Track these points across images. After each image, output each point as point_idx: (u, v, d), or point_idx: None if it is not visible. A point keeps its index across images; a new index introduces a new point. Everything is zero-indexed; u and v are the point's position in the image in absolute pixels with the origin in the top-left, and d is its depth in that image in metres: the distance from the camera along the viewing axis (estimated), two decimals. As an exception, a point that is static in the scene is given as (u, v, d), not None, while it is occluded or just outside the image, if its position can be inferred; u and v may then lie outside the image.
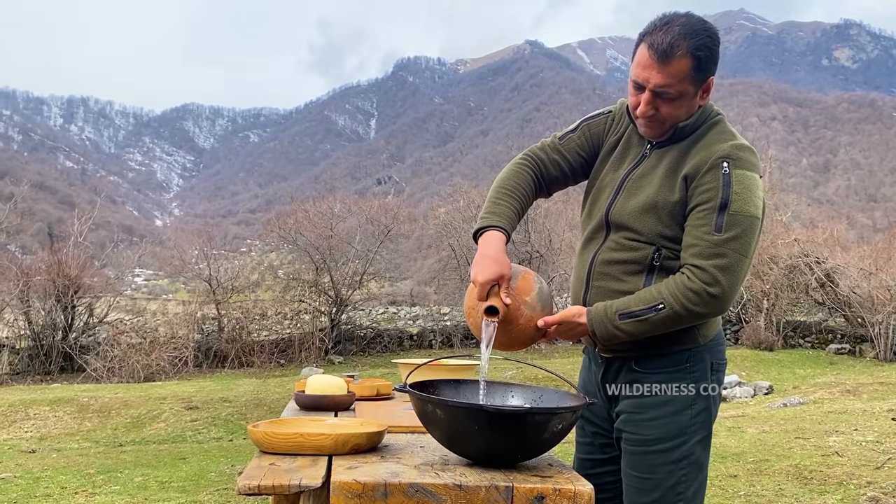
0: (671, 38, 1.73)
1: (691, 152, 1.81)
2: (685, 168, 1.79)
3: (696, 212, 1.76)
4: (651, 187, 1.84)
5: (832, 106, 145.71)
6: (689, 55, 1.73)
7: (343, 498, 1.33)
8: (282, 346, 17.20)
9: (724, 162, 1.74)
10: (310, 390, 2.34)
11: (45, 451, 7.95)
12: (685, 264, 1.75)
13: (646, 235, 1.82)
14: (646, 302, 1.75)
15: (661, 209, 1.81)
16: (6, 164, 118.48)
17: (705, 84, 1.80)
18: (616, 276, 1.87)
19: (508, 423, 1.44)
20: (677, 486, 1.81)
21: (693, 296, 1.71)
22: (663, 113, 1.80)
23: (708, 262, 1.71)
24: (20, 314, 15.94)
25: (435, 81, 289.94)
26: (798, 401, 9.51)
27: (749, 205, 1.73)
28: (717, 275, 1.70)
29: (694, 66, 1.74)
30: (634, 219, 1.84)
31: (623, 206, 1.87)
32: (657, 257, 1.82)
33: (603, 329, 1.78)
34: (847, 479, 4.79)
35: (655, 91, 1.77)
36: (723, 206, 1.72)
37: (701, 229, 1.73)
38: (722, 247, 1.71)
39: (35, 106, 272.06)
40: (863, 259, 16.53)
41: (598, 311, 1.80)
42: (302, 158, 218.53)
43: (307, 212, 20.50)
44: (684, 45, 1.72)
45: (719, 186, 1.73)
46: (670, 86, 1.75)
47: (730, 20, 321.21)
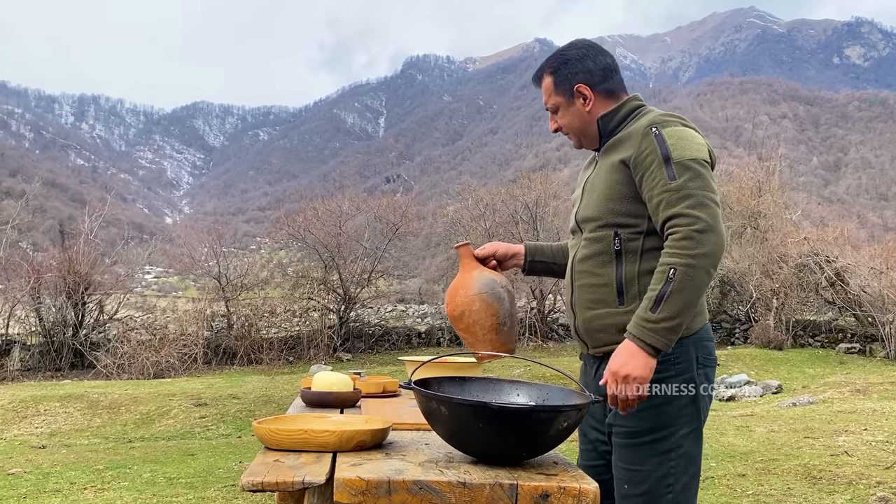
0: (539, 67, 2.07)
1: (623, 144, 1.94)
2: (623, 155, 1.91)
3: (647, 176, 1.84)
4: (601, 184, 1.96)
5: (843, 104, 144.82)
6: (548, 72, 2.03)
7: (347, 495, 1.33)
8: (290, 344, 17.24)
9: (651, 128, 1.87)
10: (316, 387, 2.35)
11: (54, 447, 7.99)
12: (662, 223, 1.81)
13: (603, 221, 1.93)
14: (659, 280, 1.77)
15: (612, 196, 1.92)
16: (18, 162, 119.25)
17: (574, 90, 2.00)
18: (590, 270, 1.96)
19: (513, 420, 1.44)
20: (666, 477, 1.84)
21: (687, 242, 1.75)
22: (561, 125, 2.06)
23: (678, 207, 1.78)
24: (31, 311, 16.03)
25: (444, 79, 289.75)
26: (807, 400, 9.46)
27: (689, 150, 1.83)
28: (692, 212, 1.76)
29: (553, 81, 2.02)
30: (592, 210, 1.97)
31: (585, 206, 2.01)
32: (617, 242, 1.90)
33: (652, 336, 1.75)
34: (856, 478, 4.76)
35: (546, 108, 2.07)
36: (666, 159, 1.81)
37: (658, 185, 1.81)
38: (683, 189, 1.78)
39: (46, 104, 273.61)
40: (873, 258, 16.42)
41: (634, 326, 1.79)
42: (311, 156, 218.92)
43: (316, 210, 20.53)
44: (544, 67, 2.05)
45: (656, 146, 1.84)
46: (547, 101, 2.05)
47: (740, 18, 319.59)
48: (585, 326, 1.99)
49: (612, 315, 1.91)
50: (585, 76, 2.00)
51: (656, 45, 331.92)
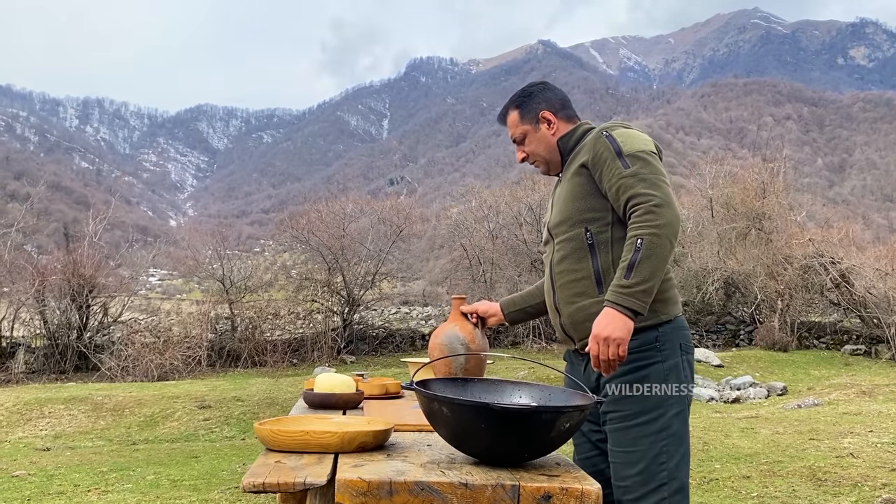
0: (504, 105, 2.33)
1: (580, 154, 2.16)
2: (581, 160, 2.14)
3: (605, 171, 2.06)
4: (565, 192, 2.18)
5: (848, 105, 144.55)
6: (513, 108, 2.29)
7: (348, 496, 1.32)
8: (294, 346, 17.24)
9: (601, 133, 2.11)
10: (318, 388, 2.34)
11: (59, 449, 8.00)
12: (623, 205, 2.01)
13: (572, 220, 2.13)
14: (629, 251, 1.94)
15: (577, 196, 2.13)
16: (23, 165, 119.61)
17: (539, 118, 2.25)
18: (568, 268, 2.14)
19: (515, 421, 1.43)
20: (660, 456, 1.98)
21: (648, 216, 1.94)
22: (528, 152, 2.29)
23: (635, 188, 1.98)
24: (36, 313, 16.06)
25: (447, 82, 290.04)
26: (812, 402, 9.43)
27: (637, 144, 2.05)
28: (647, 191, 1.96)
29: (519, 113, 2.28)
30: (561, 215, 2.17)
31: (554, 215, 2.22)
32: (589, 236, 2.10)
33: (630, 300, 1.90)
34: (862, 480, 4.74)
35: (514, 140, 2.31)
36: (618, 153, 2.04)
37: (615, 175, 2.02)
38: (636, 175, 1.99)
39: (51, 107, 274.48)
40: (879, 259, 16.37)
41: (611, 294, 1.93)
42: (315, 159, 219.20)
43: (320, 212, 20.54)
44: (509, 104, 2.31)
45: (608, 144, 2.06)
46: (514, 133, 2.29)
47: (744, 19, 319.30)
48: (571, 320, 2.14)
49: (595, 304, 2.04)
50: (548, 104, 2.27)
51: (660, 47, 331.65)
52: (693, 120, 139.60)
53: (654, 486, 1.96)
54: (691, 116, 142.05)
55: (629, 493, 1.98)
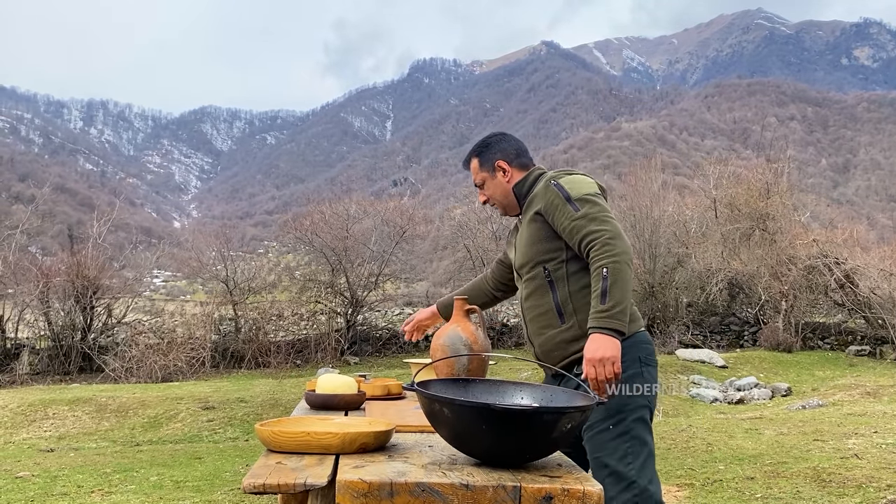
0: (468, 152, 2.60)
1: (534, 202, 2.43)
2: (536, 208, 2.39)
3: (557, 215, 2.32)
4: (524, 237, 2.45)
5: (852, 105, 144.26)
6: (474, 156, 2.57)
7: (349, 497, 1.32)
8: (298, 347, 17.25)
9: (549, 181, 2.38)
10: (320, 389, 2.34)
11: (63, 451, 8.02)
12: (581, 242, 2.27)
13: (533, 262, 2.40)
14: (597, 281, 2.18)
15: (534, 241, 2.39)
16: (27, 167, 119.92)
17: (495, 167, 2.52)
18: (533, 304, 2.42)
19: (516, 422, 1.43)
20: (625, 457, 2.20)
21: (605, 248, 2.20)
22: (488, 195, 2.56)
23: (588, 227, 2.25)
24: (40, 315, 16.10)
25: (451, 83, 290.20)
26: (817, 403, 9.41)
27: (583, 189, 2.33)
28: (599, 227, 2.24)
29: (479, 161, 2.54)
30: (523, 258, 2.44)
31: (517, 259, 2.50)
32: (547, 273, 2.37)
33: (610, 323, 2.13)
34: (866, 481, 4.72)
35: (475, 184, 2.60)
36: (568, 199, 2.31)
37: (567, 218, 2.29)
38: (586, 216, 2.27)
39: (56, 109, 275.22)
40: (883, 260, 16.34)
41: (594, 320, 2.17)
42: (318, 160, 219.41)
43: (323, 213, 20.54)
44: (471, 153, 2.58)
45: (557, 192, 2.33)
46: (475, 178, 2.57)
47: (748, 20, 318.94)
48: (542, 349, 2.42)
49: (559, 333, 2.35)
50: (503, 154, 2.53)
51: (663, 47, 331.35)
52: (696, 120, 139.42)
53: (624, 485, 2.18)
54: (695, 117, 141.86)
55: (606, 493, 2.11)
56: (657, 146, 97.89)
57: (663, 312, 18.13)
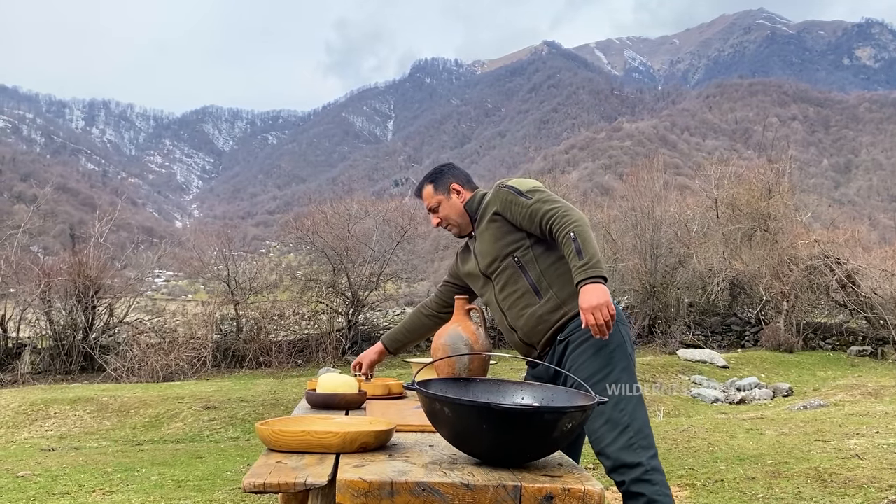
0: (419, 181, 2.83)
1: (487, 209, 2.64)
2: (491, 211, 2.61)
3: (514, 210, 2.54)
4: (486, 241, 2.63)
5: (853, 105, 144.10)
6: (427, 182, 2.79)
7: (349, 496, 1.32)
8: (299, 347, 17.25)
9: (499, 185, 2.63)
10: (321, 389, 2.34)
11: (64, 450, 8.02)
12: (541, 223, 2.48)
13: (501, 256, 2.59)
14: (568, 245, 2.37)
15: (497, 238, 2.59)
16: (29, 167, 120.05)
17: (450, 189, 2.74)
18: (510, 291, 2.57)
19: (517, 421, 1.43)
20: (619, 403, 2.35)
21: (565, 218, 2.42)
22: (441, 217, 2.75)
23: (543, 208, 2.47)
24: (42, 314, 16.10)
25: (452, 83, 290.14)
26: (818, 403, 9.40)
27: (528, 184, 2.58)
28: (552, 206, 2.47)
29: (433, 187, 2.77)
30: (489, 257, 2.61)
31: (482, 261, 2.66)
32: (517, 261, 2.55)
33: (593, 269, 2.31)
34: (868, 482, 4.72)
35: (430, 209, 2.79)
36: (519, 193, 2.55)
37: (524, 207, 2.52)
38: (539, 200, 2.50)
39: (57, 109, 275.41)
40: (885, 260, 16.31)
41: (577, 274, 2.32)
42: (320, 160, 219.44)
43: (325, 213, 20.54)
44: (424, 179, 2.81)
45: (508, 191, 2.58)
46: (429, 203, 2.78)
47: (749, 20, 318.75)
48: (525, 330, 2.54)
49: (538, 308, 2.50)
50: (455, 178, 2.77)
51: (665, 48, 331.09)
52: (698, 121, 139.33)
53: (620, 428, 2.32)
54: (696, 117, 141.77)
55: (602, 442, 2.33)
56: (659, 146, 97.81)
57: (664, 312, 18.11)
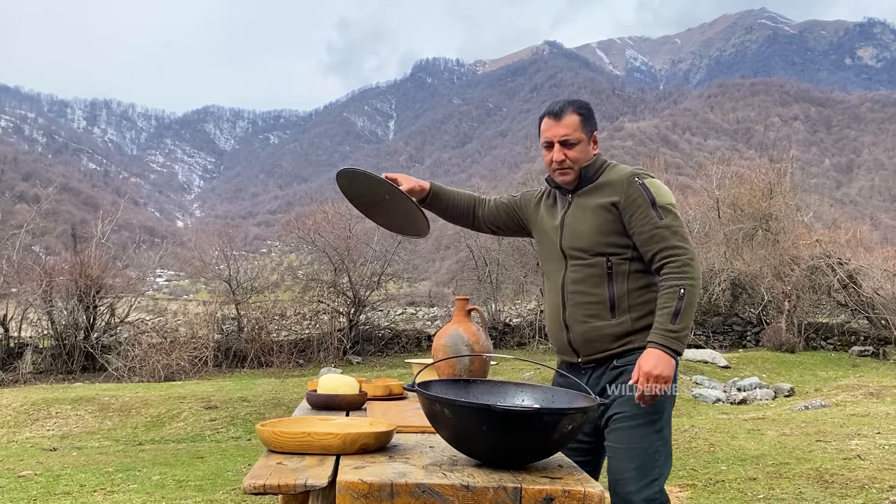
0: (561, 104, 2.43)
1: (605, 189, 2.36)
2: (610, 199, 2.34)
3: (637, 216, 2.29)
4: (587, 221, 2.36)
5: (855, 105, 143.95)
6: (576, 112, 2.40)
7: (349, 498, 1.32)
8: (300, 347, 17.25)
9: (634, 177, 2.34)
10: (321, 390, 2.34)
11: (65, 450, 8.03)
12: (659, 252, 2.27)
13: (594, 251, 2.34)
14: (671, 298, 2.20)
15: (602, 231, 2.33)
16: (31, 167, 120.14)
17: (593, 136, 2.42)
18: (584, 290, 2.35)
19: (517, 423, 1.43)
20: (655, 453, 2.24)
21: (686, 269, 2.23)
22: (570, 157, 2.38)
23: (670, 241, 2.26)
24: (43, 314, 16.11)
25: (453, 83, 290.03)
26: (820, 403, 9.39)
27: (667, 197, 2.32)
28: (681, 244, 2.26)
29: (581, 120, 2.39)
30: (582, 242, 2.36)
31: (570, 239, 2.39)
32: (609, 266, 2.33)
33: (675, 343, 2.18)
34: (869, 482, 4.71)
35: (561, 141, 2.38)
36: (653, 203, 2.29)
37: (650, 223, 2.28)
38: (670, 227, 2.27)
39: (59, 109, 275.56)
40: (886, 260, 16.29)
41: (659, 335, 2.18)
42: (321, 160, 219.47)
43: (326, 213, 20.53)
44: (571, 107, 2.41)
45: (642, 193, 2.30)
46: (569, 135, 2.37)
47: (751, 20, 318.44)
48: (582, 338, 2.35)
49: (607, 327, 2.31)
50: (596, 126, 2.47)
51: (667, 47, 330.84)
52: (700, 120, 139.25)
53: (648, 479, 2.21)
54: (698, 117, 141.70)
55: (627, 486, 2.21)
56: (660, 146, 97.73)
57: (666, 312, 18.08)
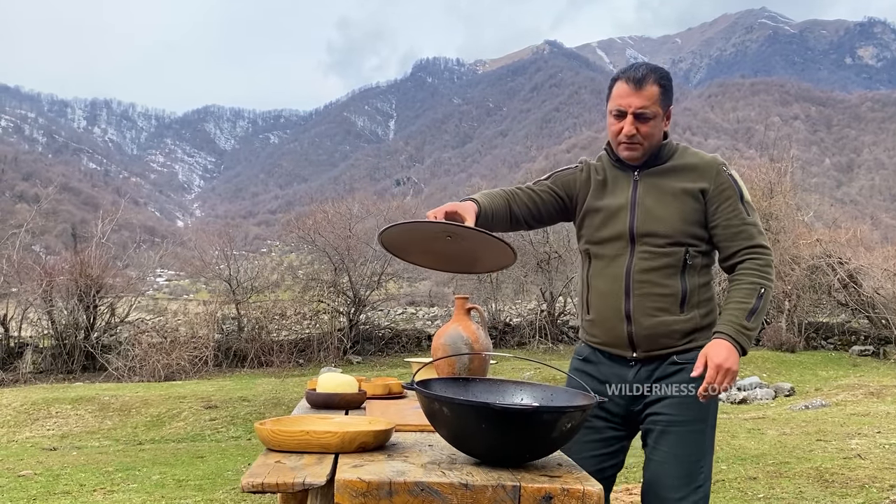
0: (643, 70, 2.14)
1: (688, 173, 2.19)
2: (698, 185, 2.17)
3: (724, 208, 2.15)
4: (670, 205, 2.17)
5: (855, 105, 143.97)
6: (658, 83, 2.14)
7: (348, 496, 1.31)
8: (301, 346, 17.26)
9: (722, 167, 2.19)
10: (321, 388, 2.33)
11: (65, 449, 8.03)
12: (744, 249, 2.15)
13: (674, 239, 2.16)
14: (751, 294, 2.09)
15: (686, 220, 2.16)
16: (31, 166, 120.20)
17: (668, 111, 2.19)
18: (656, 281, 2.16)
19: (516, 421, 1.42)
20: (700, 461, 2.13)
21: (769, 269, 2.14)
22: (642, 133, 2.14)
23: (757, 240, 2.15)
24: (43, 314, 16.13)
25: (454, 82, 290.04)
26: (820, 403, 9.38)
27: (748, 194, 2.21)
28: (767, 244, 2.17)
29: (661, 93, 2.14)
30: (663, 226, 2.16)
31: (645, 221, 2.18)
32: (687, 257, 2.16)
33: (745, 339, 2.07)
34: (869, 482, 4.71)
35: (636, 113, 2.12)
36: (741, 197, 2.17)
37: (738, 218, 2.15)
38: (756, 225, 2.17)
39: (59, 108, 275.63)
40: (887, 260, 16.28)
41: (731, 327, 2.07)
42: (321, 160, 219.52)
43: (326, 213, 20.56)
44: (653, 76, 2.14)
45: (732, 185, 2.17)
46: (647, 107, 2.12)
47: (751, 19, 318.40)
48: (648, 332, 2.15)
49: (676, 322, 2.15)
50: (672, 102, 2.24)
51: (667, 47, 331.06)
52: (700, 120, 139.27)
53: (694, 486, 2.11)
54: (698, 116, 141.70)
55: (672, 492, 2.10)
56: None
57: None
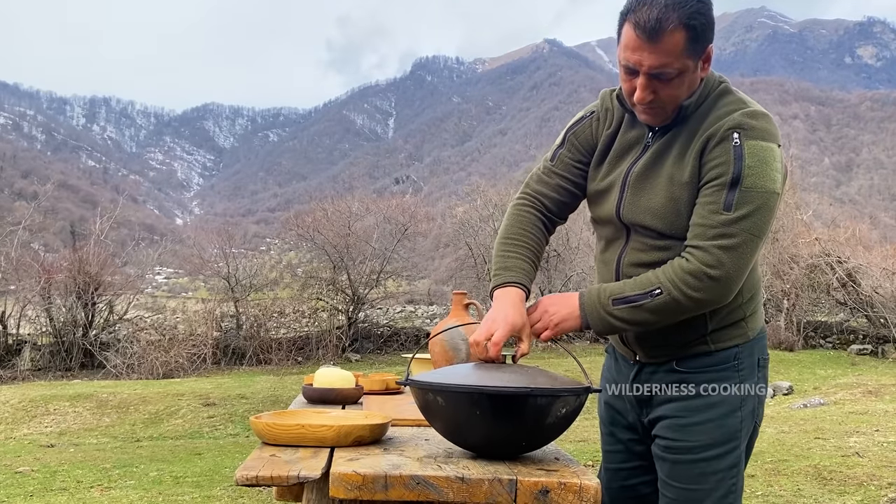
0: (658, 11, 1.48)
1: (699, 132, 1.61)
2: (696, 148, 1.60)
3: (704, 189, 1.57)
4: (661, 180, 1.64)
5: (855, 104, 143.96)
6: (682, 27, 1.50)
7: (343, 490, 1.31)
8: (299, 344, 17.26)
9: (735, 133, 1.55)
10: (318, 383, 2.33)
11: (63, 446, 8.02)
12: (686, 246, 1.57)
13: (671, 231, 1.63)
14: (642, 287, 1.58)
15: (680, 201, 1.61)
16: (30, 164, 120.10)
17: (705, 54, 1.58)
18: None
19: (509, 405, 1.41)
20: (727, 496, 1.64)
21: (691, 279, 1.53)
22: (663, 96, 1.58)
23: (710, 242, 1.53)
24: (42, 311, 16.13)
25: (453, 81, 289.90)
26: (818, 401, 9.39)
27: (765, 178, 1.53)
28: (720, 255, 1.52)
29: (689, 38, 1.51)
30: (653, 217, 1.64)
31: (634, 204, 1.67)
32: None
33: (595, 315, 1.60)
34: (868, 480, 4.71)
35: (651, 74, 1.54)
36: (734, 182, 1.53)
37: (708, 207, 1.55)
38: (730, 226, 1.52)
39: (58, 106, 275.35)
40: (886, 259, 16.31)
41: (591, 294, 1.63)
42: (321, 158, 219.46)
43: (326, 211, 20.57)
44: (674, 16, 1.48)
45: (730, 160, 1.54)
46: (667, 65, 1.53)
47: (751, 18, 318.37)
48: (641, 335, 1.72)
49: (669, 326, 1.65)
50: (713, 34, 1.57)
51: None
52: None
53: (724, 491, 1.65)
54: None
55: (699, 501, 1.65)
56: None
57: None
